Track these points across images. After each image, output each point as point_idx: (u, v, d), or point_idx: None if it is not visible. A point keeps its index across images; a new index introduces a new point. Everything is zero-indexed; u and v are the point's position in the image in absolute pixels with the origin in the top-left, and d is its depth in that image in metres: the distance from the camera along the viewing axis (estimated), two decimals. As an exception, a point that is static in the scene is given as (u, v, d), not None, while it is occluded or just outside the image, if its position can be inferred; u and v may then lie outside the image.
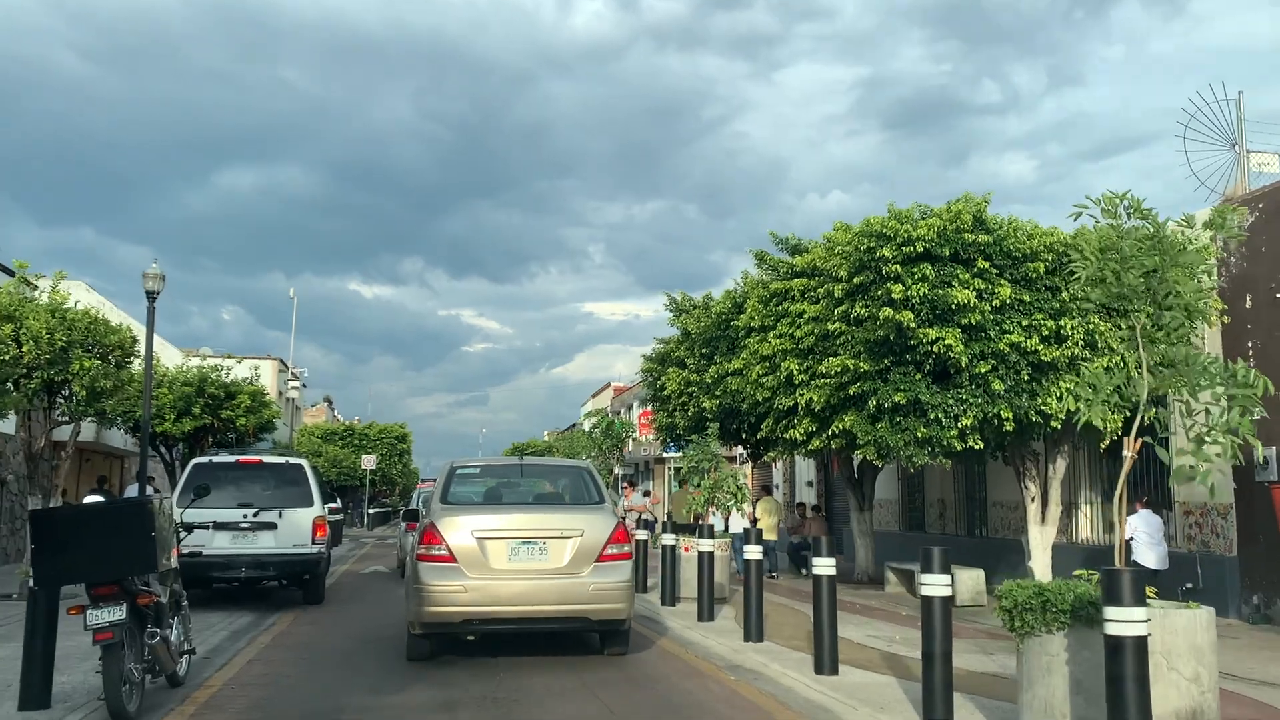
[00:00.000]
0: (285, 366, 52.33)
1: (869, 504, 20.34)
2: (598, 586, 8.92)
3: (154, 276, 19.83)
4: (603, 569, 9.01)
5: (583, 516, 9.31)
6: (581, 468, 10.94)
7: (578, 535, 9.05)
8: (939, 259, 12.86)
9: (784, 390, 15.11)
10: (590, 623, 9.17)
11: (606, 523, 9.28)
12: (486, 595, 8.74)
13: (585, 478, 10.44)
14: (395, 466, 59.20)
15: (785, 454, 16.49)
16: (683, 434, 21.54)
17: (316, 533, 13.53)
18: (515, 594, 8.80)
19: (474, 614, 8.78)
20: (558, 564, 8.94)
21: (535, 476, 11.94)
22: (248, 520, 13.31)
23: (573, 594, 8.87)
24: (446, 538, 8.87)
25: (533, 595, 8.83)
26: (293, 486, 13.74)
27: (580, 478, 10.54)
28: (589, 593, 8.89)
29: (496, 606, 8.78)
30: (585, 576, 8.93)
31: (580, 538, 9.04)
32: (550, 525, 9.15)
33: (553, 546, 8.98)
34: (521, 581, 8.84)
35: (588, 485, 10.23)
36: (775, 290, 15.38)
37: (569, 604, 8.88)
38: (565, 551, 8.98)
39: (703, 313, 20.54)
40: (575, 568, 8.95)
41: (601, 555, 9.04)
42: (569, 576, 8.91)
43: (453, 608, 8.72)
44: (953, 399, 12.95)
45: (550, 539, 9.00)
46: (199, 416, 21.42)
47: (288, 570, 13.47)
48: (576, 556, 8.98)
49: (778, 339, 14.92)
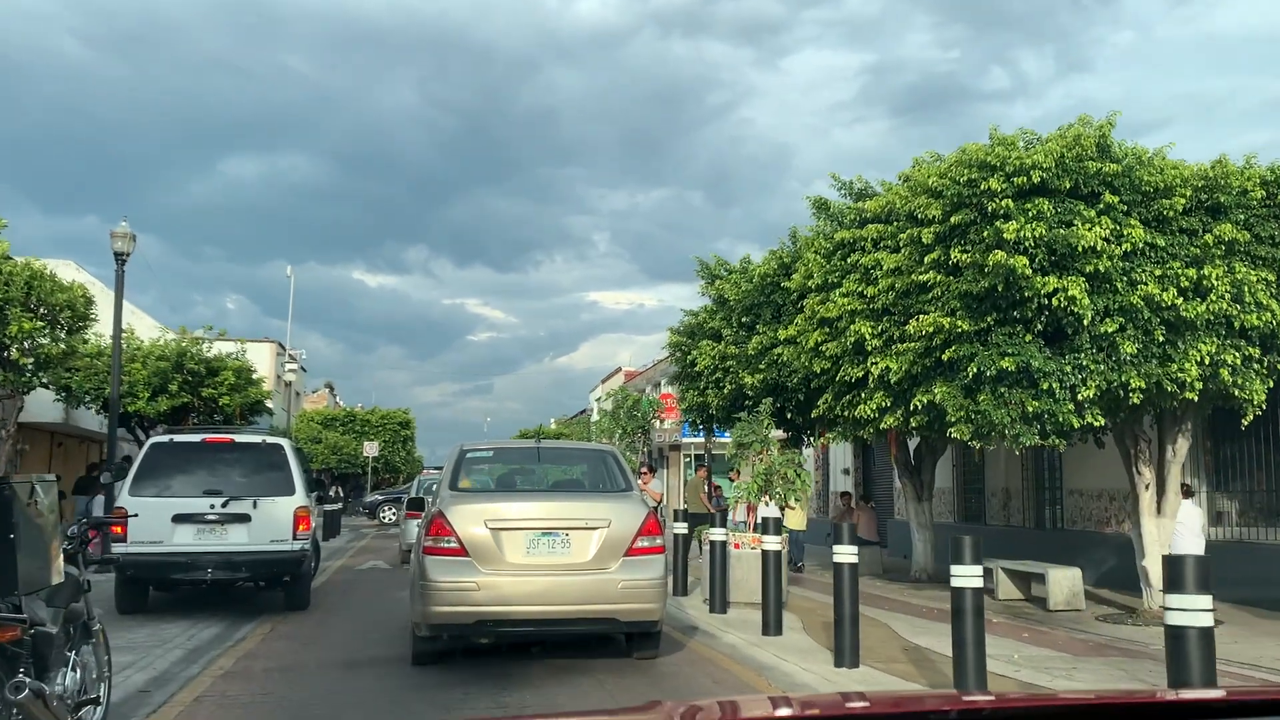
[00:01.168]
0: (283, 350, 50.04)
1: (928, 493, 18.05)
2: (627, 583, 7.96)
3: (123, 236, 17.60)
4: (633, 564, 8.04)
5: (609, 505, 8.36)
6: (605, 451, 9.87)
7: (604, 526, 8.06)
8: (1056, 193, 10.54)
9: (851, 359, 12.79)
10: (619, 624, 8.23)
11: (636, 512, 8.28)
12: (502, 593, 7.77)
13: (610, 462, 9.35)
14: (399, 454, 56.90)
15: (845, 435, 14.21)
16: (716, 415, 19.27)
17: (299, 526, 11.26)
18: (534, 592, 7.85)
19: (488, 614, 7.78)
20: (582, 558, 7.97)
21: (554, 461, 10.68)
22: (215, 511, 11.05)
23: (599, 592, 7.91)
24: (457, 528, 7.87)
25: (554, 593, 7.89)
26: (271, 471, 11.48)
27: (604, 462, 9.44)
28: (618, 590, 7.93)
29: (513, 606, 7.83)
30: (613, 572, 7.98)
31: (607, 529, 8.06)
32: (573, 514, 8.18)
33: (576, 538, 8.01)
34: (541, 578, 7.89)
35: (613, 470, 9.16)
36: (841, 241, 13.02)
37: (595, 603, 7.90)
38: (590, 544, 8.01)
39: (741, 277, 18.21)
40: (602, 562, 7.99)
41: (631, 548, 8.08)
42: (595, 572, 7.95)
43: (464, 607, 7.72)
44: (1070, 365, 10.64)
45: (573, 530, 8.04)
46: (176, 395, 19.09)
47: (264, 570, 11.22)
48: (603, 549, 8.01)
49: (844, 298, 12.59)
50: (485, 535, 7.88)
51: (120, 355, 17.46)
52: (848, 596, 8.46)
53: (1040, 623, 11.89)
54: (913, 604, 13.55)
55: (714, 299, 18.82)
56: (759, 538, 12.47)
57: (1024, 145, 11.09)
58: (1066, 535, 17.35)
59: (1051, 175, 10.43)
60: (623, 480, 8.98)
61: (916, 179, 11.91)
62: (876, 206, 12.59)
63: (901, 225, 12.00)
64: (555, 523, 8.05)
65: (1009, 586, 14.47)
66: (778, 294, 16.46)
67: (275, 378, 51.08)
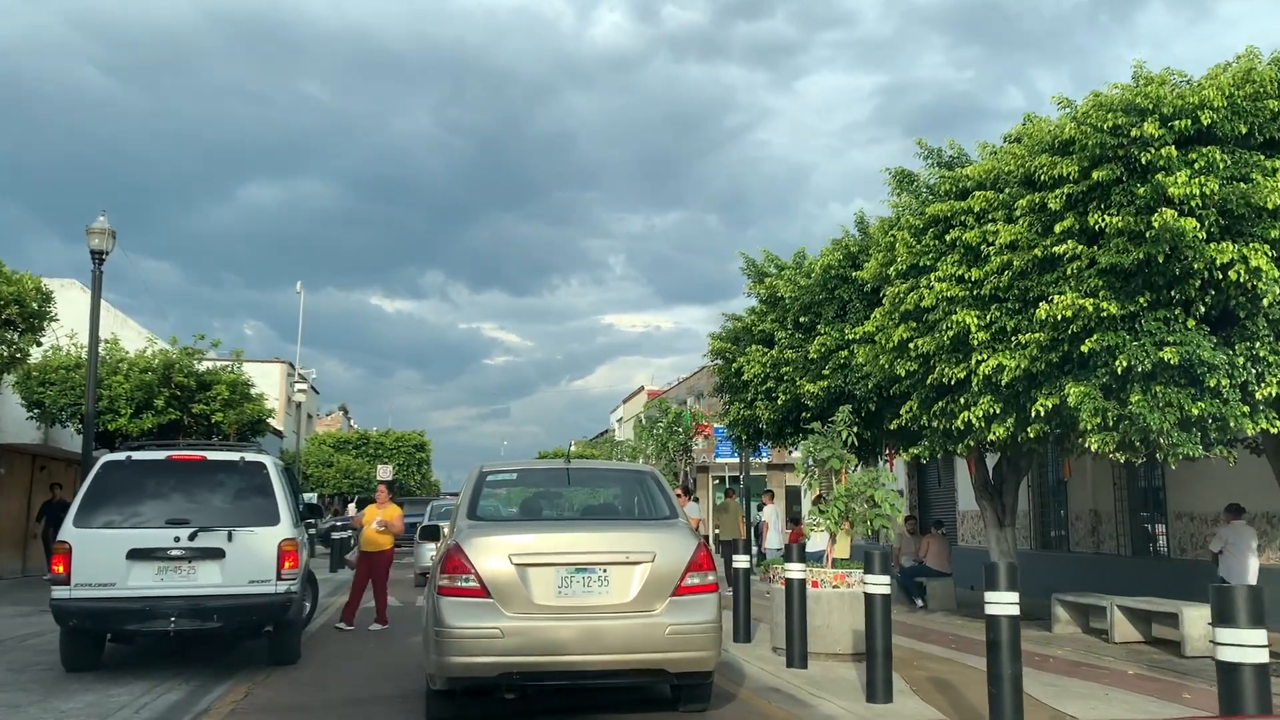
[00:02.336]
0: (293, 369, 48.13)
1: (1010, 518, 15.80)
2: (676, 628, 6.75)
3: (100, 232, 15.67)
4: (682, 605, 6.84)
5: (654, 535, 7.11)
6: (645, 472, 8.39)
7: (648, 560, 6.87)
8: (1226, 140, 8.42)
9: (948, 357, 10.65)
10: (667, 675, 6.98)
11: (685, 544, 7.06)
12: (530, 641, 6.59)
13: (650, 485, 8.02)
14: (413, 477, 54.81)
15: (934, 450, 12.04)
16: (766, 430, 17.13)
17: (284, 562, 9.15)
18: (568, 639, 6.62)
19: (514, 665, 6.58)
20: (623, 598, 6.79)
21: (586, 483, 8.99)
22: (181, 546, 8.96)
23: (644, 639, 6.72)
24: (476, 564, 6.69)
25: (591, 641, 6.65)
26: (251, 495, 9.39)
27: (644, 485, 8.11)
28: (665, 637, 6.73)
29: (543, 656, 6.61)
30: (660, 615, 6.78)
31: (651, 563, 6.86)
32: (613, 547, 6.93)
33: (616, 576, 6.83)
34: (576, 622, 6.67)
35: (654, 496, 7.86)
36: (935, 216, 10.87)
37: (639, 652, 6.71)
38: (632, 582, 6.82)
39: (794, 271, 16.10)
40: (646, 604, 6.80)
41: (680, 587, 6.88)
42: (638, 615, 6.77)
43: (486, 657, 6.54)
44: (1243, 356, 8.48)
45: (613, 565, 6.85)
46: (163, 410, 17.03)
47: (241, 618, 9.10)
48: (647, 588, 6.82)
49: (942, 283, 10.44)
50: (510, 572, 6.69)
51: (96, 366, 15.47)
52: (1006, 658, 6.30)
53: (1186, 674, 9.65)
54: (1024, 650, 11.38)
55: (763, 299, 16.71)
56: (845, 574, 10.33)
57: (1173, 91, 8.98)
58: (1173, 565, 15.10)
59: (1223, 118, 8.31)
60: (666, 506, 7.67)
61: (1035, 136, 9.79)
62: (981, 171, 10.46)
63: (1016, 191, 9.88)
64: (592, 557, 6.85)
65: (1127, 627, 12.24)
66: (844, 288, 14.35)
67: (286, 399, 49.28)
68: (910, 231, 11.01)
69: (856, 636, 10.25)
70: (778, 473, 39.49)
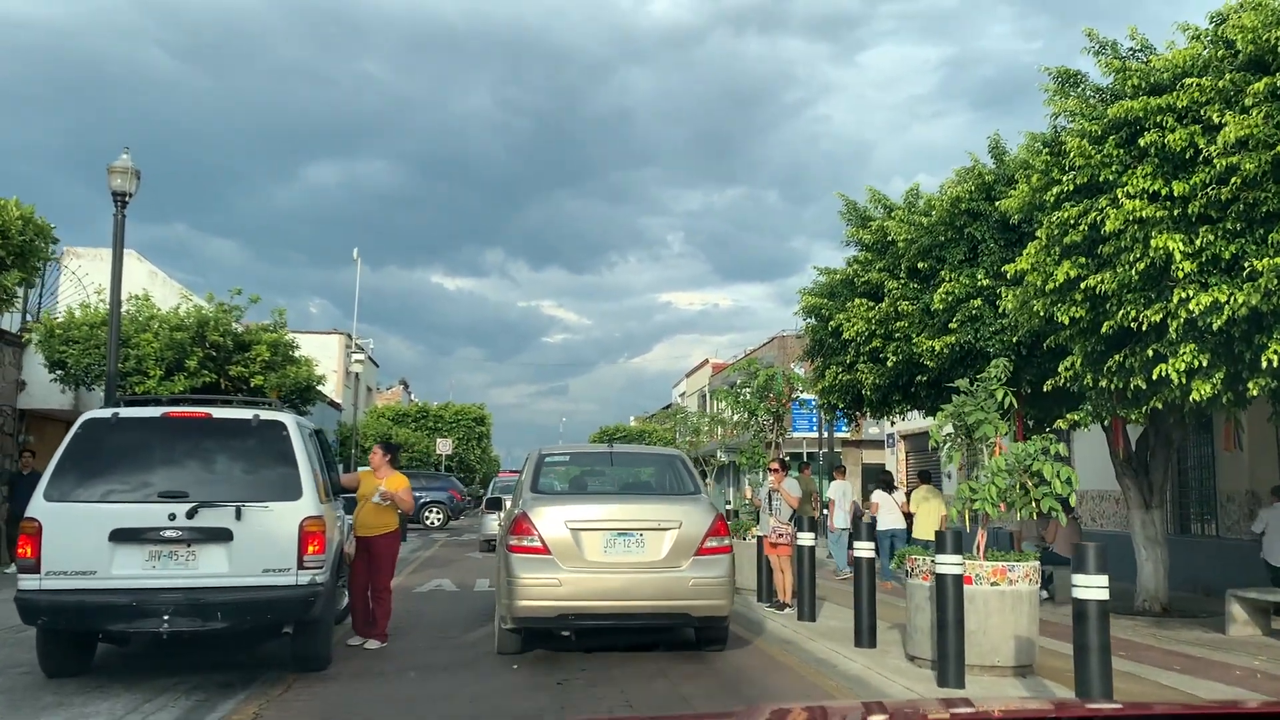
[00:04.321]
0: (350, 341, 46.81)
1: (1159, 498, 13.53)
2: (698, 581, 8.44)
3: (123, 171, 14.06)
4: (702, 563, 8.52)
5: (680, 507, 8.81)
6: (674, 455, 10.23)
7: (675, 527, 8.55)
8: None
9: (1135, 296, 8.43)
10: (690, 619, 8.72)
11: (705, 514, 8.77)
12: (583, 589, 8.26)
13: (679, 466, 9.79)
14: (474, 451, 53.33)
15: (1103, 414, 9.83)
16: (869, 397, 14.97)
17: (308, 546, 7.30)
18: (613, 588, 8.32)
19: (570, 609, 8.29)
20: (655, 557, 8.47)
21: (626, 464, 10.73)
22: (177, 526, 7.13)
23: (672, 589, 8.41)
24: (539, 529, 8.37)
25: (631, 589, 8.35)
26: (267, 464, 7.54)
27: (673, 466, 9.88)
28: (689, 588, 8.42)
29: (593, 601, 8.28)
30: (685, 570, 8.46)
31: (678, 529, 8.53)
32: (647, 516, 8.65)
33: (650, 538, 8.52)
34: (619, 575, 8.37)
35: (680, 474, 9.62)
36: (1120, 119, 8.59)
37: (669, 599, 8.43)
38: (664, 544, 8.51)
39: (906, 211, 13.88)
40: (674, 561, 8.47)
41: (701, 548, 8.54)
42: (668, 570, 8.44)
43: (548, 601, 8.25)
44: None
45: (647, 530, 8.53)
46: (196, 372, 15.34)
47: (251, 616, 7.25)
48: (675, 549, 8.49)
49: (1132, 200, 8.21)
50: (566, 535, 8.35)
51: (119, 321, 13.83)
52: None
53: None
54: (1190, 655, 9.25)
55: (868, 245, 14.51)
56: (1005, 568, 8.23)
57: None
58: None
59: None
60: (691, 483, 9.36)
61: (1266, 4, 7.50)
62: (1186, 58, 8.17)
63: (1241, 78, 7.60)
64: (631, 524, 8.53)
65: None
66: (976, 225, 12.13)
67: (344, 371, 48.02)
68: (1088, 139, 8.74)
69: (1019, 645, 8.20)
70: (853, 450, 37.15)
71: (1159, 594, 13.07)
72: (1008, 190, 11.50)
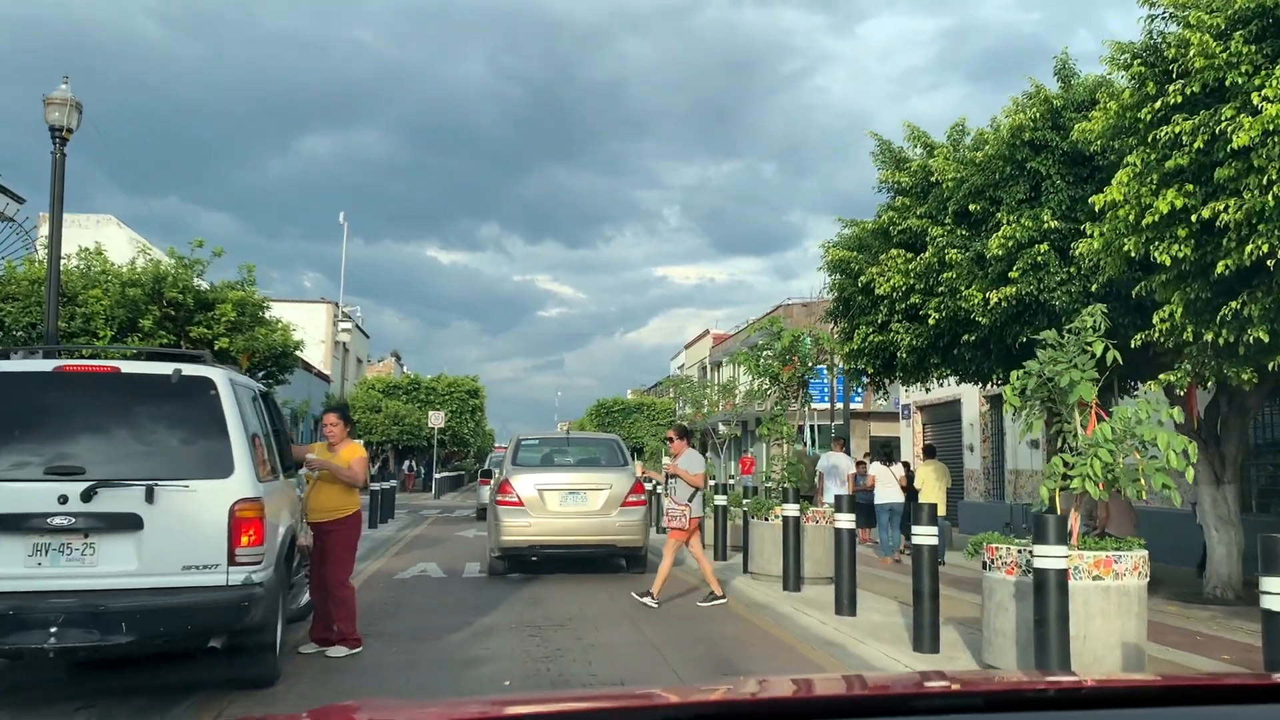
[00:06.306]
0: (338, 309, 45.09)
1: (1232, 473, 12.03)
2: (622, 523, 12.53)
3: (62, 103, 12.42)
4: (625, 511, 12.61)
5: (611, 475, 12.89)
6: (612, 439, 14.39)
7: (608, 488, 12.62)
8: None
9: (1272, 226, 6.84)
10: (617, 549, 12.79)
11: (628, 479, 12.91)
12: (545, 529, 12.30)
13: (615, 447, 14.01)
14: (467, 425, 51.65)
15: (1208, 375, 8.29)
16: (905, 361, 13.37)
17: (241, 536, 5.73)
18: (565, 528, 12.39)
19: (537, 542, 12.32)
20: (594, 507, 12.51)
21: (579, 445, 14.71)
22: (70, 511, 5.54)
23: (604, 528, 12.46)
24: (517, 489, 12.43)
25: (577, 529, 12.43)
26: (189, 432, 5.95)
27: (611, 447, 14.03)
28: (616, 528, 12.50)
29: (552, 536, 12.34)
30: (613, 517, 12.51)
31: (610, 490, 12.62)
32: (589, 481, 12.76)
33: (590, 495, 12.59)
34: (569, 520, 12.44)
35: (615, 452, 13.78)
36: (1253, 7, 6.95)
37: (603, 535, 12.49)
38: (600, 499, 12.56)
39: (951, 149, 12.26)
40: (606, 510, 12.52)
41: (624, 502, 12.62)
42: (602, 516, 12.49)
43: (522, 537, 12.30)
44: None
45: (589, 490, 12.63)
46: (152, 333, 13.73)
47: (167, 627, 5.66)
48: (607, 502, 12.54)
49: (1273, 105, 6.59)
50: (534, 494, 12.45)
51: (58, 273, 12.20)
52: None
53: None
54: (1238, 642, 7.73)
55: (906, 189, 12.87)
56: (1111, 558, 6.69)
57: None
58: None
59: None
60: (621, 459, 13.59)
61: None
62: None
63: None
64: (578, 486, 12.71)
65: None
66: (1040, 159, 10.50)
67: (332, 341, 46.34)
68: (1211, 34, 7.09)
69: (1127, 654, 6.66)
70: (861, 422, 35.58)
71: (1232, 580, 11.62)
72: (1079, 117, 9.88)
